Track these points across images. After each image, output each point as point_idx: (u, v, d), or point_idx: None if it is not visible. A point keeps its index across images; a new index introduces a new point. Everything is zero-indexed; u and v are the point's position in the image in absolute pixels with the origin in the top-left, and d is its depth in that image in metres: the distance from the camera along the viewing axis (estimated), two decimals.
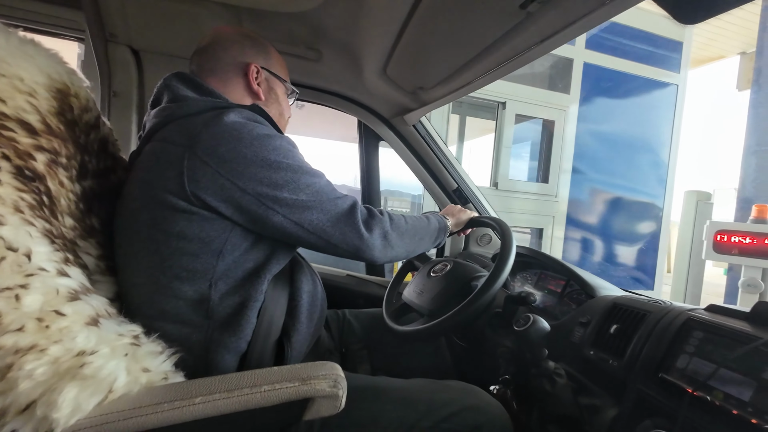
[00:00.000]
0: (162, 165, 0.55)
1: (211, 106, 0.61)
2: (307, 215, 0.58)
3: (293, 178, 0.58)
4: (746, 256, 2.21)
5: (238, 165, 0.54)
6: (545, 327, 0.60)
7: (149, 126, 0.62)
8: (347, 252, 0.63)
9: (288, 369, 0.50)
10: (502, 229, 0.83)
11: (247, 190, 0.54)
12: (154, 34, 1.00)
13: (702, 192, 3.21)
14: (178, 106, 0.61)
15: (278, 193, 0.56)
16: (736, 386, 0.45)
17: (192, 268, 0.55)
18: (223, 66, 0.69)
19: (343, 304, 1.25)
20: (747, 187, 3.11)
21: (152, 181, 0.56)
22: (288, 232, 0.58)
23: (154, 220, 0.55)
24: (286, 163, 0.58)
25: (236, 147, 0.55)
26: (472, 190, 1.34)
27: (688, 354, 0.52)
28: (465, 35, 0.78)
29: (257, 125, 0.59)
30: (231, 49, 0.70)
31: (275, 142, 0.59)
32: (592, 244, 3.69)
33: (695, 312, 0.56)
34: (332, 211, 0.61)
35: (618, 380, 0.59)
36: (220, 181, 0.53)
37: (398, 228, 0.69)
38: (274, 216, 0.56)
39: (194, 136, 0.55)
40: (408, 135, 1.27)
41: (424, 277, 0.91)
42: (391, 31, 0.85)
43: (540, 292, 1.00)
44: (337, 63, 1.12)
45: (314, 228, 0.59)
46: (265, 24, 1.03)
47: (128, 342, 0.46)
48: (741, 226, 2.27)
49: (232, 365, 0.58)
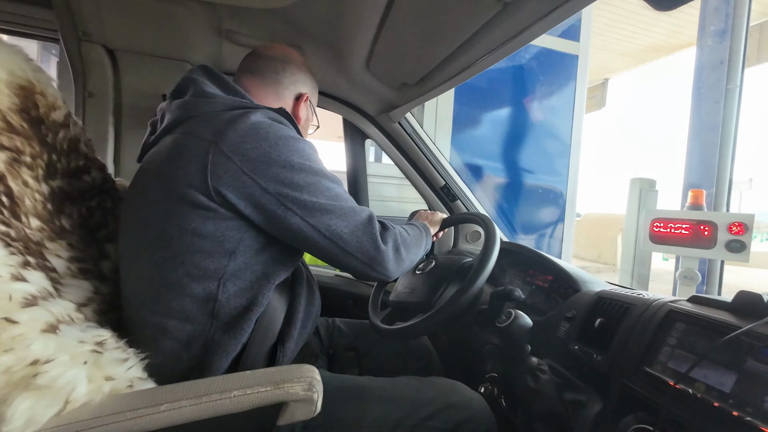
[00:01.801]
0: (185, 158, 0.54)
1: (238, 105, 0.61)
2: (325, 219, 0.57)
3: (314, 180, 0.58)
4: (682, 246, 2.14)
5: (261, 164, 0.54)
6: (527, 322, 0.59)
7: (171, 117, 0.61)
8: (360, 262, 0.61)
9: (261, 373, 0.48)
10: (482, 219, 0.84)
11: (268, 189, 0.54)
12: (130, 32, 0.97)
13: (646, 179, 3.18)
14: (205, 102, 0.60)
15: (298, 195, 0.56)
16: (718, 377, 0.45)
17: (204, 266, 0.55)
18: (284, 79, 0.73)
19: (332, 305, 1.24)
20: (692, 173, 3.14)
21: (172, 173, 0.54)
22: (303, 235, 0.57)
23: (170, 214, 0.54)
24: (308, 165, 0.58)
25: (261, 146, 0.55)
26: (460, 187, 1.33)
27: (670, 346, 0.51)
28: (444, 28, 0.76)
29: (282, 126, 0.60)
30: (298, 74, 0.76)
31: (298, 145, 0.59)
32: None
33: (678, 303, 0.55)
34: (351, 218, 0.60)
35: (602, 375, 0.58)
36: (243, 178, 0.53)
37: (405, 240, 0.68)
38: (292, 217, 0.56)
39: (220, 131, 0.54)
40: (394, 132, 1.26)
41: (410, 276, 0.90)
42: (370, 25, 0.84)
43: (528, 287, 0.99)
44: (320, 60, 1.10)
45: (331, 233, 0.58)
46: (245, 21, 1.02)
47: (90, 349, 0.44)
48: (677, 213, 2.18)
49: (225, 367, 0.57)
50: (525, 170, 3.12)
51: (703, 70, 3.19)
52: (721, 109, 3.02)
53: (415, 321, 0.74)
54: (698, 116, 3.17)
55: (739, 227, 2.12)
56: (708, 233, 2.17)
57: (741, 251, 2.10)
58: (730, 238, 2.12)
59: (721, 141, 3.03)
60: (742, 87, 3.00)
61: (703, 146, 3.11)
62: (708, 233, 2.17)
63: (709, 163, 3.05)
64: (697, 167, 3.15)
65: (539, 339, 0.75)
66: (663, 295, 0.62)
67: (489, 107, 3.00)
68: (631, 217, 3.27)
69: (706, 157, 3.09)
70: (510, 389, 0.68)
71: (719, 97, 3.02)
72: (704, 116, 3.12)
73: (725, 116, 3.01)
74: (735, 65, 3.01)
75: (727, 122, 3.01)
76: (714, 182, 3.06)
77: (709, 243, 2.17)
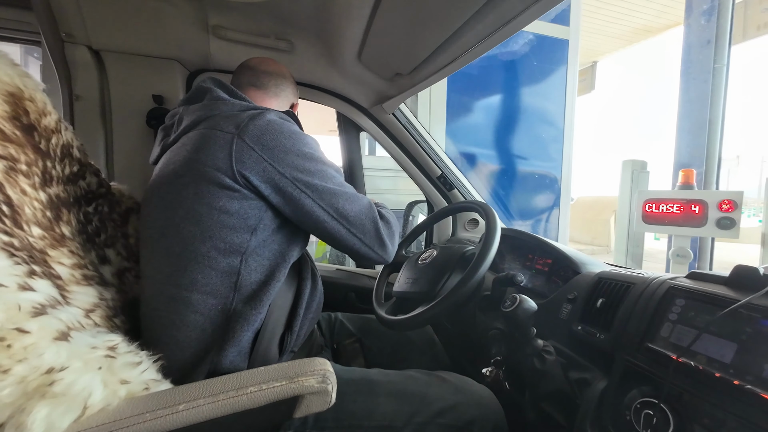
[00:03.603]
0: (212, 146, 0.61)
1: (253, 107, 0.71)
2: (334, 201, 0.66)
3: (323, 168, 0.67)
4: (675, 225, 2.18)
5: (278, 152, 0.62)
6: (532, 306, 0.60)
7: (192, 118, 0.69)
8: (363, 244, 0.70)
9: (275, 368, 0.49)
10: (482, 207, 0.86)
11: (285, 174, 0.62)
12: (114, 32, 0.95)
13: (637, 161, 3.20)
14: (223, 103, 0.69)
15: (310, 179, 0.64)
16: (718, 349, 0.46)
17: (230, 240, 0.61)
18: (282, 92, 0.86)
19: (334, 299, 1.25)
20: (682, 152, 3.18)
21: (201, 159, 0.61)
22: (315, 216, 0.65)
23: (200, 193, 0.60)
24: (317, 155, 0.67)
25: (277, 137, 0.63)
26: (456, 176, 1.34)
27: (671, 322, 0.53)
28: (435, 17, 0.76)
29: (292, 124, 0.69)
30: (291, 86, 0.88)
31: (307, 139, 0.68)
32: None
33: (677, 280, 0.57)
34: (355, 202, 0.69)
35: (606, 353, 0.60)
36: (263, 164, 0.61)
37: (396, 227, 0.78)
38: (306, 199, 0.64)
39: (242, 126, 0.62)
40: (388, 123, 1.25)
41: (413, 266, 0.91)
42: (361, 15, 0.83)
43: (528, 272, 1.01)
44: (310, 53, 1.09)
45: (338, 214, 0.66)
46: (232, 16, 1.00)
47: (102, 354, 0.44)
48: (668, 193, 2.22)
49: (248, 338, 0.62)
50: (520, 156, 3.13)
51: (691, 50, 3.21)
52: (710, 88, 3.05)
53: (420, 310, 0.75)
54: (687, 96, 3.20)
55: (729, 204, 2.17)
56: (699, 212, 2.21)
57: (731, 228, 2.15)
58: (721, 215, 2.16)
59: (709, 120, 3.07)
60: (729, 65, 3.02)
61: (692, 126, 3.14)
62: (699, 212, 2.21)
63: (698, 143, 3.09)
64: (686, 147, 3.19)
65: (542, 321, 0.76)
66: (662, 273, 0.63)
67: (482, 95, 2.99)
68: (623, 198, 3.32)
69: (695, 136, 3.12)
70: (516, 371, 0.70)
71: (707, 76, 3.04)
72: (693, 96, 3.14)
73: (713, 95, 3.04)
74: (722, 44, 3.03)
75: (715, 101, 3.04)
76: (703, 161, 3.10)
77: (700, 221, 2.22)
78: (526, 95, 3.09)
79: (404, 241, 1.07)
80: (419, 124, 1.29)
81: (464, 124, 2.89)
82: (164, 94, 1.03)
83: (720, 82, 3.01)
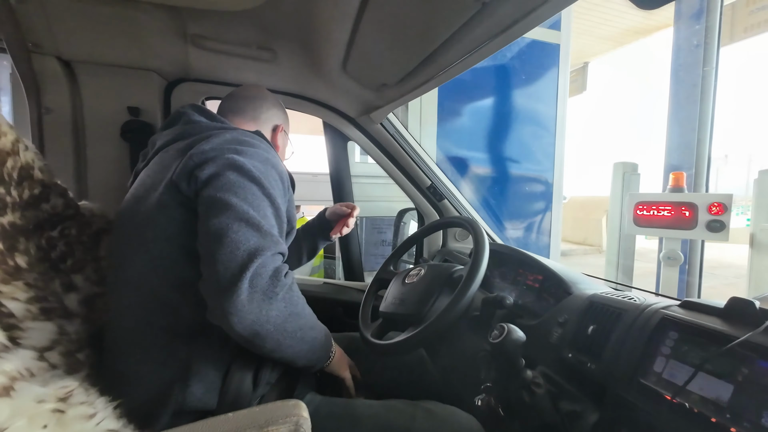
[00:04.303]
0: (173, 164, 0.64)
1: (219, 127, 0.72)
2: (224, 218, 0.56)
3: (253, 190, 0.60)
4: (665, 228, 2.18)
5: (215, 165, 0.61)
6: (520, 337, 0.57)
7: (162, 141, 0.71)
8: (211, 279, 0.53)
9: (243, 414, 0.45)
10: (469, 224, 0.84)
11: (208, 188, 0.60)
12: (86, 42, 0.90)
13: (629, 163, 3.21)
14: (191, 127, 0.71)
15: (231, 196, 0.58)
16: (714, 390, 0.44)
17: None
18: (262, 114, 0.86)
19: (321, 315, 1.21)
20: (672, 155, 3.20)
21: (165, 178, 0.63)
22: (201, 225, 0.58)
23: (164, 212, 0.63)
24: (257, 175, 0.62)
25: (225, 152, 0.63)
26: (446, 186, 1.31)
27: (664, 356, 0.50)
28: (421, 29, 0.73)
29: (253, 141, 0.69)
30: (273, 109, 0.89)
31: (257, 152, 0.66)
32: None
33: (669, 310, 0.55)
34: (249, 235, 0.55)
35: (597, 384, 0.57)
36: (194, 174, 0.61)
37: (294, 305, 0.58)
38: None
39: (196, 143, 0.65)
40: (376, 134, 1.22)
41: (399, 286, 0.88)
42: (344, 26, 0.79)
43: (519, 288, 0.98)
44: (294, 62, 1.05)
45: (215, 230, 0.55)
46: (211, 25, 0.96)
47: (51, 408, 0.40)
48: (659, 196, 2.23)
49: (216, 373, 0.60)
50: (512, 160, 3.11)
51: (680, 52, 3.22)
52: (699, 91, 3.07)
53: (406, 335, 0.72)
54: (677, 99, 3.22)
55: (718, 207, 2.17)
56: (689, 215, 2.22)
57: (721, 230, 2.15)
58: (711, 218, 2.17)
59: (699, 123, 3.09)
60: (718, 68, 3.04)
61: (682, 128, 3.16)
62: (689, 215, 2.22)
63: (688, 145, 3.11)
64: (676, 149, 3.21)
65: (533, 345, 0.73)
66: (655, 299, 0.61)
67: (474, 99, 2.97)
68: (615, 200, 3.32)
69: (685, 138, 3.14)
70: (505, 399, 0.67)
71: (696, 79, 3.06)
72: (682, 99, 3.16)
73: (702, 98, 3.05)
74: (710, 46, 3.05)
75: (704, 104, 3.06)
76: (693, 163, 3.12)
77: (691, 224, 2.22)
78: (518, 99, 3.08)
79: (392, 257, 1.04)
80: (408, 134, 1.26)
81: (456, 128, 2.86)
82: (141, 105, 0.99)
83: (709, 86, 3.03)
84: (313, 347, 0.64)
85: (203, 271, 0.55)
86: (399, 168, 1.28)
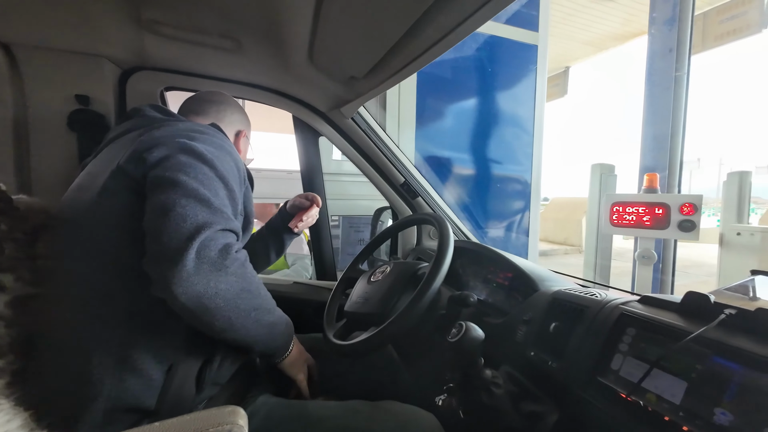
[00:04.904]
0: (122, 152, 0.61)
1: (174, 120, 0.70)
2: (171, 194, 0.52)
3: (204, 171, 0.57)
4: (640, 228, 2.25)
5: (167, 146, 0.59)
6: (479, 335, 0.55)
7: (115, 133, 0.70)
8: (156, 251, 0.49)
9: (172, 423, 0.41)
10: (435, 219, 0.82)
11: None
12: (27, 24, 0.84)
13: (606, 165, 3.31)
14: (142, 120, 0.70)
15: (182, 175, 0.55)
16: (669, 387, 0.42)
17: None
18: (225, 118, 0.85)
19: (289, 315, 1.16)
20: (647, 157, 3.31)
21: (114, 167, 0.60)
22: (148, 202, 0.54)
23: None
24: (209, 158, 0.59)
25: (173, 133, 0.62)
26: (421, 183, 1.29)
27: (622, 353, 0.49)
28: (384, 17, 0.70)
29: (205, 129, 0.67)
30: (236, 114, 0.88)
31: (211, 139, 0.64)
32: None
33: (628, 305, 0.53)
34: (198, 210, 0.52)
35: (558, 383, 0.55)
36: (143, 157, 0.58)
37: (248, 283, 0.54)
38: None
39: (147, 132, 0.63)
40: (348, 129, 1.19)
41: (365, 284, 0.85)
42: (305, 15, 0.76)
43: (489, 286, 0.97)
44: (259, 53, 1.01)
45: (161, 205, 0.51)
46: (167, 10, 0.90)
47: None
48: (634, 197, 2.29)
49: (155, 370, 0.55)
50: (490, 160, 3.12)
51: (655, 58, 3.31)
52: (672, 95, 3.16)
53: (367, 335, 0.69)
54: (651, 102, 3.31)
55: (689, 207, 2.23)
56: (662, 214, 2.28)
57: (692, 230, 2.21)
58: (682, 218, 2.23)
59: (672, 126, 3.18)
60: (690, 73, 3.14)
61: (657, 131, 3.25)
62: (662, 214, 2.28)
63: (662, 147, 3.20)
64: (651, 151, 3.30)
65: (498, 344, 0.72)
66: (616, 295, 0.60)
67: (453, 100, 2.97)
68: (593, 201, 3.39)
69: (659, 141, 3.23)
70: (467, 400, 0.65)
71: (669, 83, 3.15)
72: (656, 102, 3.25)
73: (675, 102, 3.15)
74: (682, 53, 3.14)
75: (676, 108, 3.15)
76: (667, 165, 3.21)
77: (664, 224, 2.28)
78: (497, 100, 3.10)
79: (360, 255, 1.01)
80: (381, 129, 1.23)
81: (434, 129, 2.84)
82: (90, 94, 0.92)
83: (681, 90, 3.12)
84: (271, 333, 0.60)
85: (147, 247, 0.51)
86: (372, 164, 1.25)
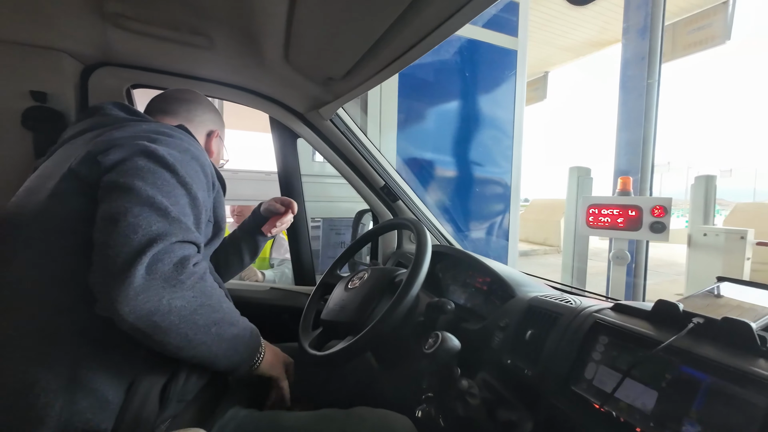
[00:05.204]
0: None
1: (138, 120, 0.67)
2: (123, 201, 0.48)
3: (163, 175, 0.53)
4: (614, 229, 2.36)
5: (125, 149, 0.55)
6: (454, 345, 0.54)
7: (73, 131, 0.66)
8: (100, 266, 0.45)
9: None
10: (413, 224, 0.81)
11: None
12: None
13: (583, 168, 3.41)
14: (103, 119, 0.66)
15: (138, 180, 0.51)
16: (640, 397, 0.42)
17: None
18: (196, 118, 0.80)
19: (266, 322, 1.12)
20: (621, 160, 3.45)
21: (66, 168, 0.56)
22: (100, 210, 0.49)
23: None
24: (170, 161, 0.55)
25: (134, 134, 0.58)
26: (401, 187, 1.28)
27: (595, 362, 0.49)
28: (361, 18, 0.68)
29: (171, 131, 0.63)
30: (208, 114, 0.83)
31: (175, 141, 0.60)
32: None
33: (602, 313, 0.54)
34: (152, 220, 0.47)
35: (534, 392, 0.55)
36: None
37: (208, 297, 0.51)
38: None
39: (106, 132, 0.60)
40: (326, 130, 1.16)
41: (342, 292, 0.83)
42: (278, 11, 0.73)
43: (468, 290, 0.96)
44: (233, 51, 0.97)
45: (111, 214, 0.47)
46: (132, 3, 0.85)
47: None
48: (608, 199, 2.40)
49: (112, 387, 0.50)
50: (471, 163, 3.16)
51: (628, 65, 3.44)
52: (644, 102, 3.28)
53: (344, 345, 0.67)
54: (625, 108, 3.43)
55: (660, 210, 2.32)
56: (635, 216, 2.37)
57: (662, 231, 2.31)
58: (653, 220, 2.32)
59: (644, 131, 3.30)
60: (660, 81, 3.27)
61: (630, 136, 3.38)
62: (635, 216, 2.37)
63: (635, 152, 3.32)
64: (625, 155, 3.42)
65: (475, 350, 0.71)
66: (591, 302, 0.60)
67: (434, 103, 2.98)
68: (570, 203, 3.49)
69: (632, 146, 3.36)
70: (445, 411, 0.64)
71: (642, 91, 3.27)
72: (630, 108, 3.37)
73: (646, 108, 3.27)
74: (653, 61, 3.28)
75: (648, 114, 3.28)
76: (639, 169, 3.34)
77: (637, 225, 2.37)
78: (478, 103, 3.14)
79: (338, 260, 0.99)
80: (360, 131, 1.21)
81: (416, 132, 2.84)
82: (48, 90, 0.86)
83: (652, 97, 3.25)
84: (234, 345, 0.56)
85: (93, 260, 0.46)
86: (351, 167, 1.23)
